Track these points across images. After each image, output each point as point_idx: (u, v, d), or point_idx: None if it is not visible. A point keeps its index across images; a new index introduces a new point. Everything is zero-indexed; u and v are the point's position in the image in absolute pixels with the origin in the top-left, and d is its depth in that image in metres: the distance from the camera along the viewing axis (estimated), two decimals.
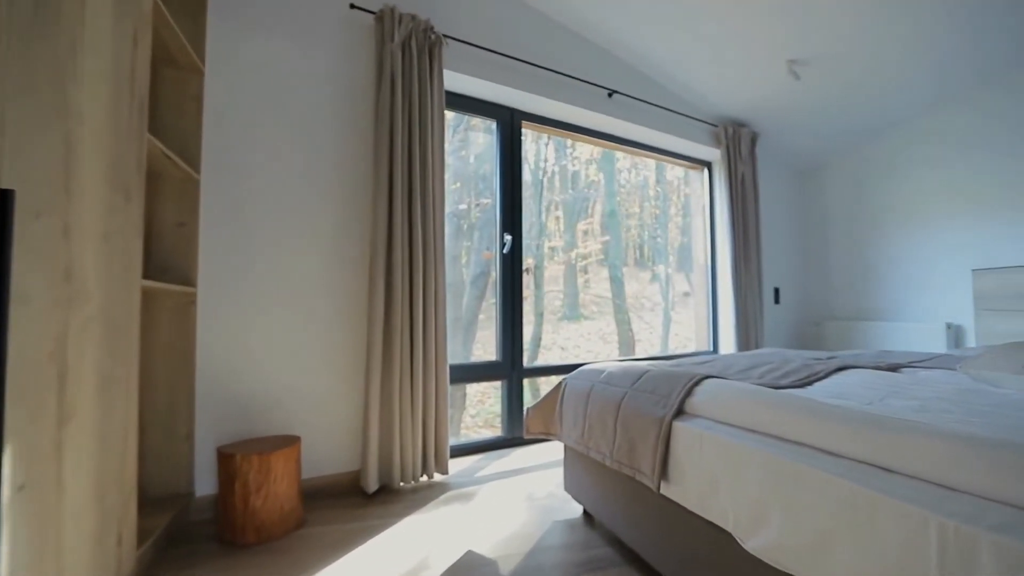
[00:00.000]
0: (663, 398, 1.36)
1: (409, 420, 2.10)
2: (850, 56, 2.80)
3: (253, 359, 1.95)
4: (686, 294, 4.42)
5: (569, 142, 3.62)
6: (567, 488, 1.90)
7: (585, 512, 1.87)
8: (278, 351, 2.00)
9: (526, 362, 2.85)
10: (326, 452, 2.07)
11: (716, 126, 3.52)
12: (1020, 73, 2.80)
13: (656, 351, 4.00)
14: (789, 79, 3.03)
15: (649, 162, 3.98)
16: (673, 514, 1.25)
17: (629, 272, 4.34)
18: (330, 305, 2.12)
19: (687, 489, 1.18)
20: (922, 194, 3.32)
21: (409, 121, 2.21)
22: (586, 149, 3.93)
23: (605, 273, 4.53)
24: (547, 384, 3.30)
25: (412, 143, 2.20)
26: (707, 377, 1.35)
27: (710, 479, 1.11)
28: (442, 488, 2.13)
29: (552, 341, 3.83)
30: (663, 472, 1.25)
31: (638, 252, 4.49)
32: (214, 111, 1.91)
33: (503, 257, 2.80)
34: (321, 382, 2.08)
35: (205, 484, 1.84)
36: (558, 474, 2.26)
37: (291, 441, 1.82)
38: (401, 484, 2.10)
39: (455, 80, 2.54)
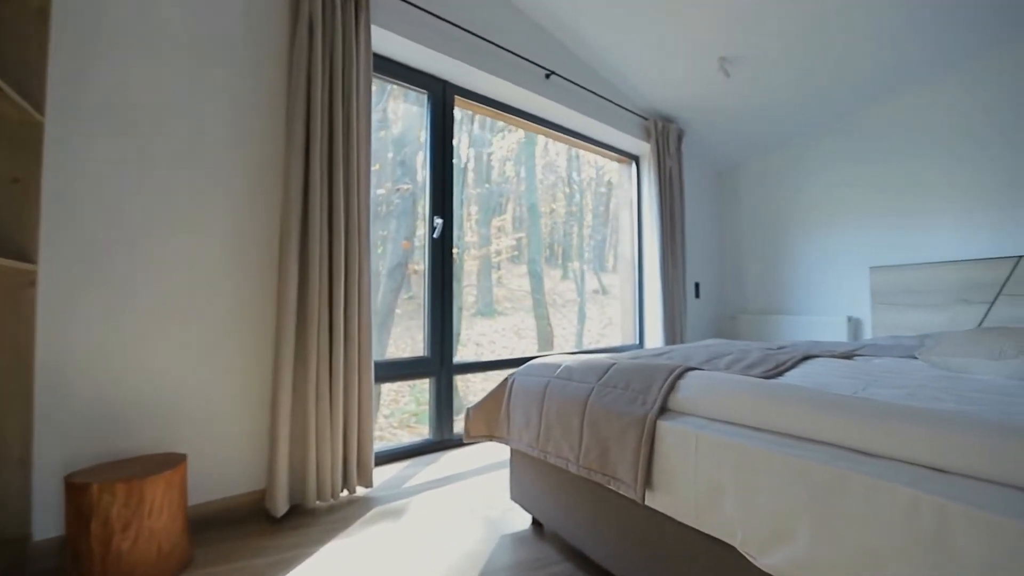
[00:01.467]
0: (639, 394, 1.20)
1: (328, 427, 1.77)
2: (776, 58, 2.89)
3: (120, 359, 1.52)
4: (596, 291, 4.44)
5: (488, 137, 3.44)
6: (514, 497, 1.69)
7: (535, 522, 1.68)
8: (156, 349, 1.58)
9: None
10: (222, 471, 1.68)
11: (647, 119, 3.51)
12: (928, 84, 3.06)
13: (571, 346, 3.92)
14: (719, 77, 3.07)
15: (570, 156, 3.90)
16: (659, 528, 1.09)
17: (548, 267, 4.26)
18: (229, 294, 1.73)
19: (678, 499, 1.03)
20: (827, 196, 3.56)
21: (331, 78, 1.88)
22: (503, 144, 3.77)
23: (519, 270, 4.42)
24: (464, 383, 3.08)
25: (334, 105, 1.87)
26: (689, 369, 1.21)
27: (710, 487, 0.96)
28: (367, 504, 1.83)
29: (467, 337, 3.64)
30: (647, 480, 1.08)
31: (558, 247, 4.42)
32: (68, 31, 1.45)
33: (433, 242, 2.52)
34: (215, 386, 1.68)
35: (48, 524, 1.38)
36: (500, 480, 2.05)
37: (174, 461, 1.43)
38: (318, 503, 1.77)
39: (384, 41, 2.22)
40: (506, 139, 3.81)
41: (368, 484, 1.91)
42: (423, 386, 2.65)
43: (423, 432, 2.58)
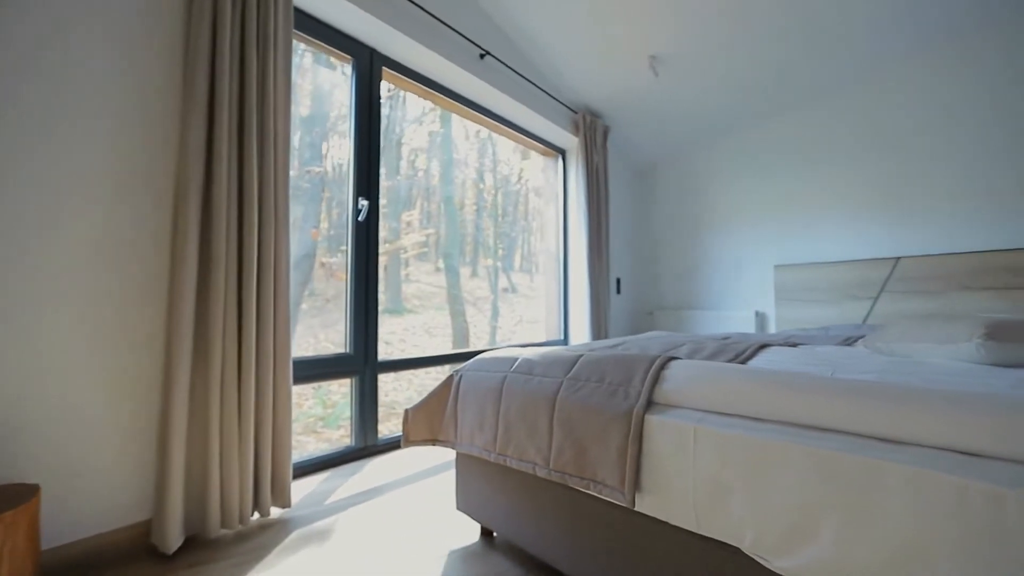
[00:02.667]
0: (619, 387, 1.10)
1: (235, 438, 1.47)
2: (702, 61, 2.99)
3: None
4: (505, 289, 4.39)
5: (402, 127, 3.21)
6: (462, 507, 1.52)
7: (484, 532, 1.52)
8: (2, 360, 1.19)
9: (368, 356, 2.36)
10: (93, 502, 1.32)
11: (576, 112, 3.49)
12: (831, 98, 3.33)
13: (485, 343, 3.81)
14: (648, 75, 3.12)
15: (488, 151, 3.78)
16: (648, 534, 1.00)
17: (465, 262, 4.12)
18: (106, 284, 1.36)
19: (673, 501, 0.93)
20: (738, 199, 3.79)
21: (243, 25, 1.57)
22: (415, 136, 3.55)
23: (427, 267, 4.23)
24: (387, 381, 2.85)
25: (247, 57, 1.57)
26: (672, 358, 1.13)
27: (713, 486, 0.88)
28: (284, 528, 1.55)
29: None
30: (636, 482, 0.98)
31: (471, 242, 4.29)
32: None
33: (357, 226, 2.26)
34: (84, 396, 1.32)
35: None
36: (438, 488, 1.87)
37: (19, 495, 1.08)
38: (222, 531, 1.46)
39: None
40: (419, 130, 3.60)
41: (285, 504, 1.63)
42: (329, 388, 2.38)
43: (331, 438, 2.31)
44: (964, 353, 1.12)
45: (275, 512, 1.63)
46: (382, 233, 2.40)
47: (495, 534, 1.52)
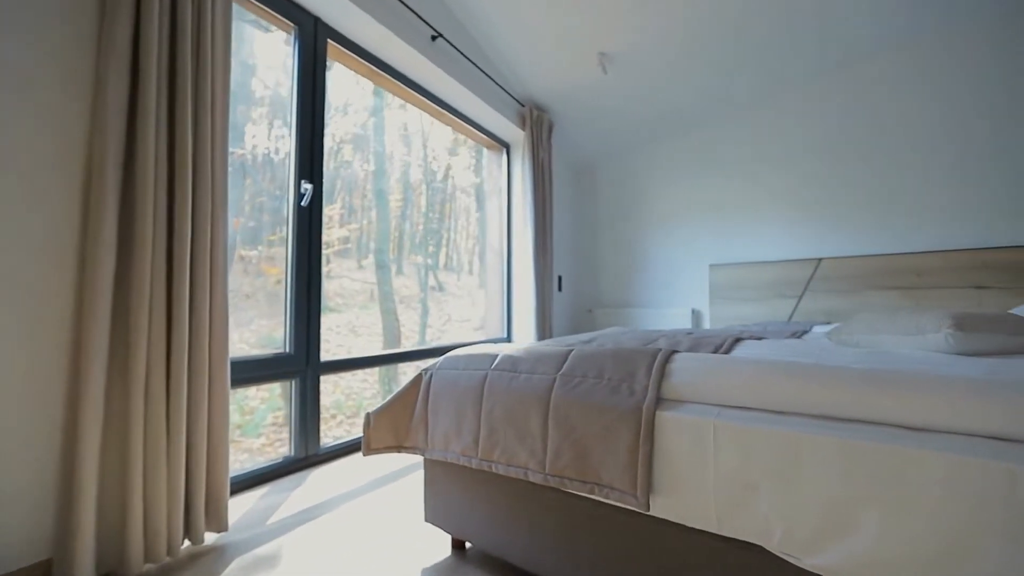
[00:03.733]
0: (621, 383, 1.04)
1: (162, 454, 1.24)
2: (650, 60, 3.05)
3: None
4: (433, 288, 4.27)
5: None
6: (432, 518, 1.40)
7: (455, 545, 1.40)
8: None
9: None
10: None
11: (523, 106, 3.44)
12: (772, 103, 3.53)
13: (413, 343, 3.67)
14: (595, 72, 3.13)
15: (427, 142, 3.64)
16: (662, 538, 0.94)
17: (395, 258, 3.94)
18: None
19: (691, 503, 0.89)
20: (675, 199, 3.93)
21: None
22: (342, 126, 3.32)
23: (351, 263, 4.01)
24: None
25: (179, 6, 1.33)
26: (674, 351, 1.09)
27: (736, 484, 0.84)
28: (222, 556, 1.33)
29: None
30: (649, 483, 0.92)
31: (404, 236, 4.11)
32: None
33: (299, 212, 2.04)
34: None
35: None
36: (393, 497, 1.72)
37: None
38: (147, 566, 1.23)
39: None
40: (345, 120, 3.37)
41: (221, 527, 1.40)
42: (247, 393, 2.13)
43: (251, 447, 2.07)
44: (932, 343, 1.19)
45: (209, 538, 1.40)
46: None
47: (468, 546, 1.41)
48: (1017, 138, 2.69)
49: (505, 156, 3.73)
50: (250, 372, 1.82)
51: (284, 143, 2.10)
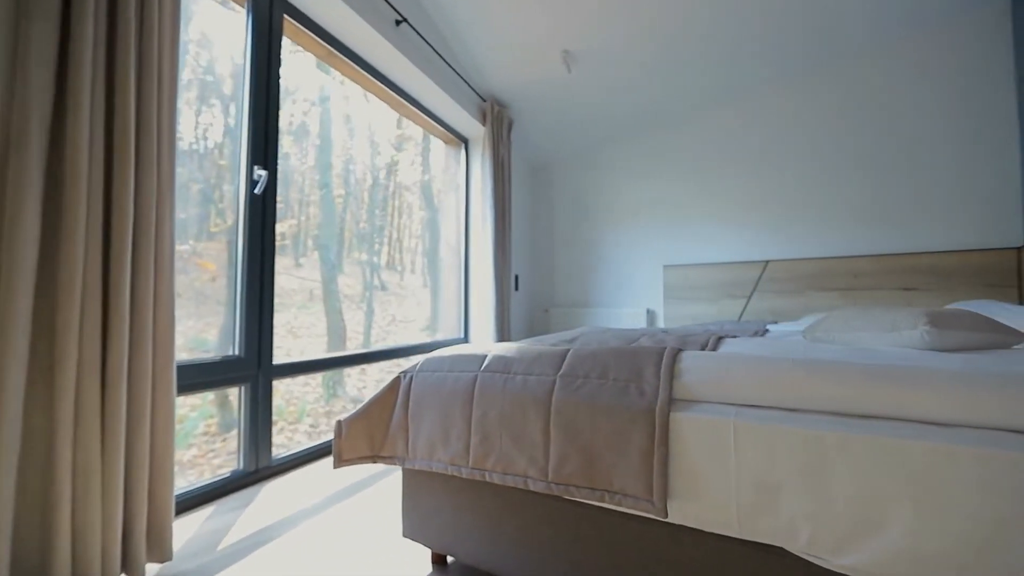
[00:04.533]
0: (628, 383, 0.99)
1: (96, 473, 1.06)
2: (614, 61, 3.07)
3: None
4: (377, 287, 4.13)
5: None
6: (410, 533, 1.29)
7: (436, 559, 1.31)
8: None
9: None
10: None
11: (485, 100, 3.36)
12: (724, 108, 3.65)
13: (358, 345, 3.52)
14: (558, 69, 3.11)
15: (369, 135, 3.49)
16: (679, 544, 0.90)
17: (339, 255, 3.75)
18: None
19: (711, 507, 0.85)
20: (631, 201, 4.00)
21: None
22: (285, 114, 3.12)
23: (287, 261, 3.78)
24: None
25: None
26: (680, 350, 1.05)
27: (759, 485, 0.82)
28: None
29: None
30: (667, 488, 0.88)
31: (347, 233, 3.92)
32: None
33: (252, 200, 1.86)
34: None
35: None
36: (358, 511, 1.59)
37: None
38: None
39: None
40: (289, 106, 3.15)
41: (164, 556, 1.23)
42: (182, 401, 1.92)
43: (180, 460, 1.86)
44: (908, 340, 1.23)
45: (151, 570, 1.22)
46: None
47: (449, 560, 1.31)
48: (938, 154, 2.94)
49: (464, 152, 3.64)
50: (194, 378, 1.62)
51: (217, 127, 1.90)
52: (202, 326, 1.87)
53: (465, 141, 3.62)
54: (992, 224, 2.77)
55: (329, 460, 2.08)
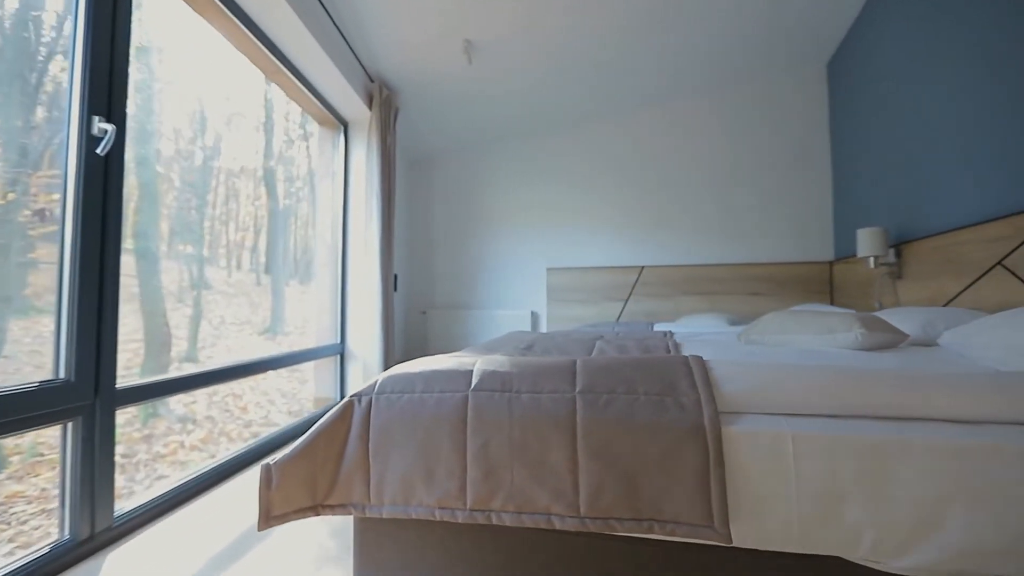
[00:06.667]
0: (663, 396, 0.91)
1: None
2: (516, 57, 3.00)
3: None
4: (204, 286, 3.57)
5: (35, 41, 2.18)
6: None
7: None
8: None
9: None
10: None
11: (373, 81, 3.02)
12: (611, 119, 3.80)
13: (182, 353, 2.97)
14: (458, 59, 2.94)
15: (200, 107, 2.96)
16: (740, 567, 0.83)
17: (168, 249, 3.07)
18: None
19: (771, 524, 0.81)
20: (515, 201, 3.98)
21: None
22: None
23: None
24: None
25: None
26: (702, 359, 1.00)
27: (821, 496, 0.80)
28: None
29: None
30: (727, 510, 0.81)
31: (165, 219, 3.24)
32: None
33: (90, 164, 1.33)
34: None
35: None
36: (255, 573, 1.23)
37: None
38: None
39: None
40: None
41: None
42: None
43: None
44: (843, 341, 1.37)
45: None
46: None
47: None
48: (772, 181, 3.49)
49: (343, 136, 3.22)
50: None
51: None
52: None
53: (345, 124, 3.21)
54: (813, 243, 3.39)
55: (205, 504, 1.62)
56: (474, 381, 1.01)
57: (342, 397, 3.36)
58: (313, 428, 1.03)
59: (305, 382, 3.20)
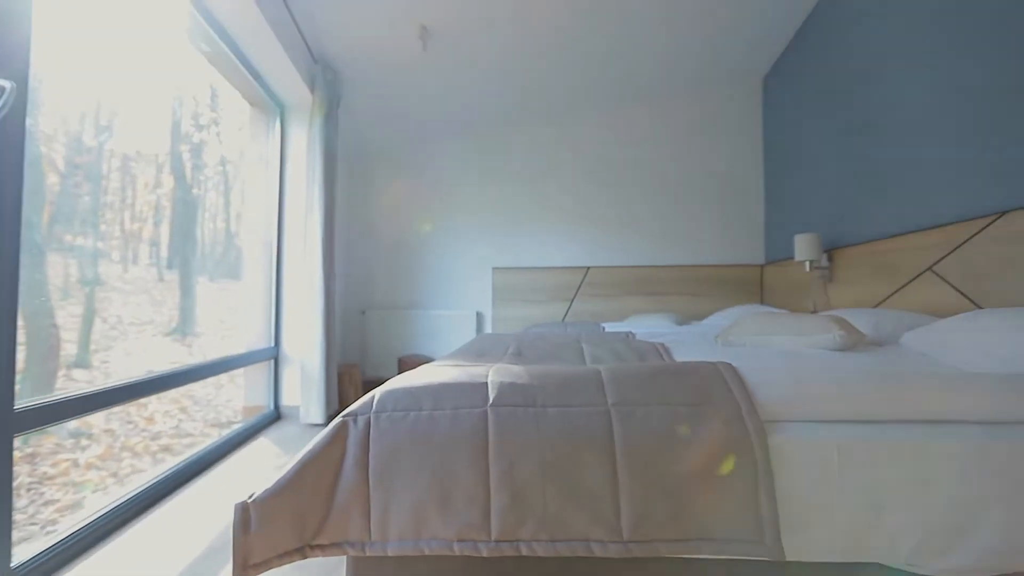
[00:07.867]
0: (699, 406, 0.86)
1: None
2: (474, 48, 2.88)
3: None
4: (97, 282, 3.18)
5: None
6: None
7: None
8: None
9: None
10: None
11: (316, 63, 2.77)
12: (561, 121, 3.76)
13: (70, 353, 2.60)
14: (414, 46, 2.76)
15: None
16: None
17: (50, 237, 2.65)
18: None
19: (818, 535, 0.79)
20: (461, 199, 3.84)
21: None
22: None
23: None
24: None
25: None
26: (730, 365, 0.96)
27: (865, 504, 0.79)
28: None
29: None
30: (778, 523, 0.78)
31: (63, 206, 2.81)
32: None
33: None
34: None
35: None
36: None
37: None
38: None
39: None
40: None
41: None
42: None
43: None
44: (821, 342, 1.42)
45: None
46: None
47: None
48: (709, 188, 3.66)
49: (278, 121, 2.92)
50: None
51: None
52: None
53: (282, 107, 2.91)
54: (746, 247, 3.60)
55: (131, 539, 1.35)
56: (492, 395, 0.91)
57: (276, 405, 3.11)
58: (299, 456, 0.88)
59: (221, 386, 2.87)
